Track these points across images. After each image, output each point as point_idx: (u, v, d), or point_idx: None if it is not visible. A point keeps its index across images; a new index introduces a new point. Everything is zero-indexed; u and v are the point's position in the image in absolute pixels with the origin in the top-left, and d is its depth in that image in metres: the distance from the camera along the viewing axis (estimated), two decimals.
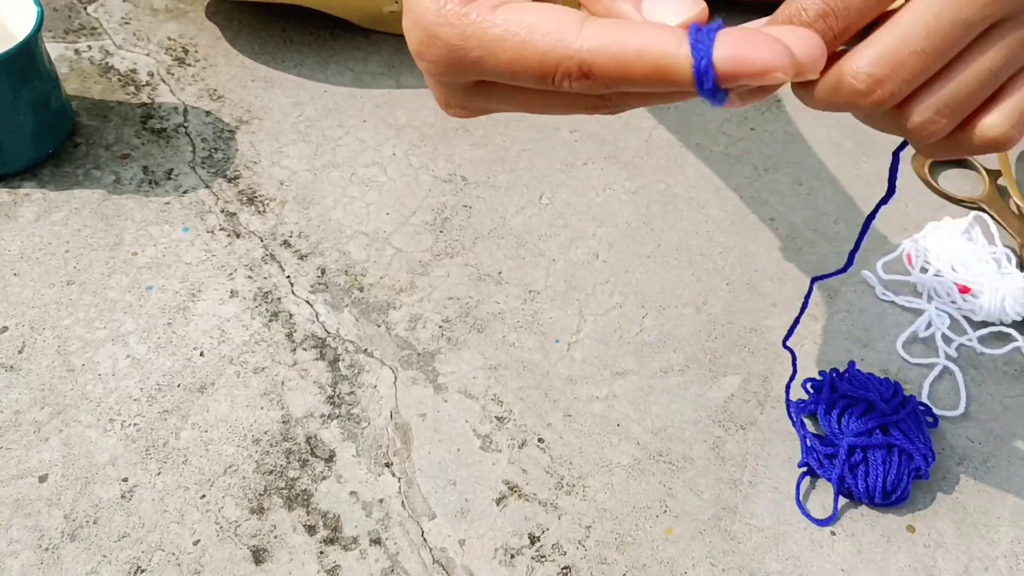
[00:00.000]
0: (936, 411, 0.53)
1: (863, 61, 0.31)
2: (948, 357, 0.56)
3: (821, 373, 0.53)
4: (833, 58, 0.32)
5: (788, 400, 0.52)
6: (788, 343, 0.49)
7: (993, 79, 0.32)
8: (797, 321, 0.47)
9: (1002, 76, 0.32)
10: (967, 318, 0.58)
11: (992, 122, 0.33)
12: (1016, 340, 0.57)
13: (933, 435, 0.52)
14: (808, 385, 0.53)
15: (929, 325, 0.57)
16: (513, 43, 0.30)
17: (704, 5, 0.31)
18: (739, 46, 0.28)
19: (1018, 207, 0.65)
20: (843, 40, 0.32)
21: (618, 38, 0.29)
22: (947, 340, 0.57)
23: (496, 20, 0.31)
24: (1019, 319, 0.57)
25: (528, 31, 0.30)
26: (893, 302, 0.59)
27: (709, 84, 0.27)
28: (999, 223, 0.64)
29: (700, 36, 0.27)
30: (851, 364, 0.52)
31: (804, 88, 0.33)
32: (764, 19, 0.32)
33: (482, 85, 0.34)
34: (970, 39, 0.32)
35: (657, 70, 0.29)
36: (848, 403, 0.50)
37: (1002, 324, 0.58)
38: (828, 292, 0.59)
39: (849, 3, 0.31)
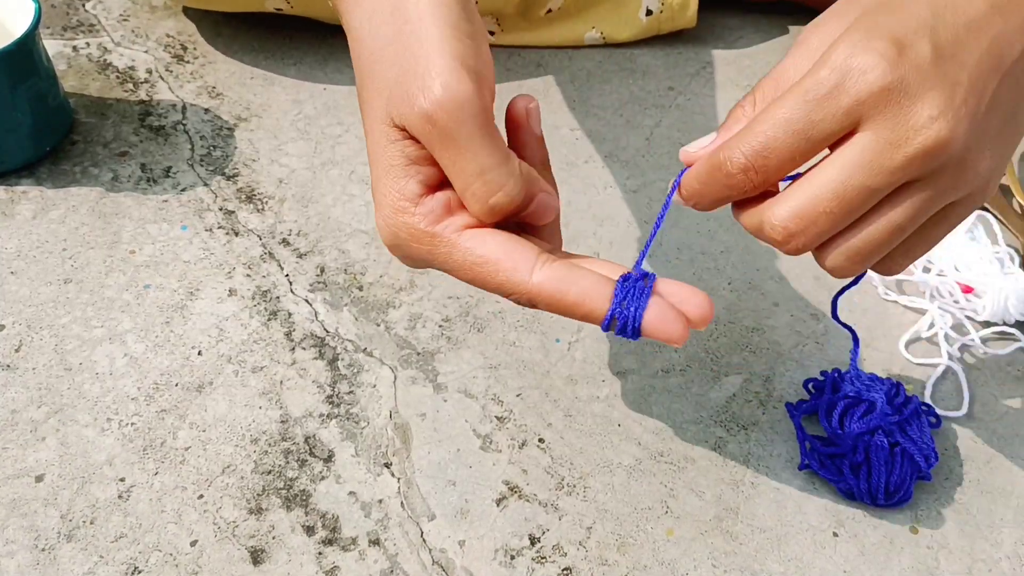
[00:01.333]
0: (939, 412, 0.53)
1: (779, 215, 0.36)
2: (951, 357, 0.56)
3: (823, 373, 0.52)
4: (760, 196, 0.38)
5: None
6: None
7: (900, 232, 0.37)
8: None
9: (908, 229, 0.37)
10: (970, 318, 0.58)
11: (900, 266, 0.39)
12: (1019, 340, 0.57)
13: (936, 435, 0.52)
14: (810, 385, 0.53)
15: (932, 325, 0.57)
16: (474, 272, 0.37)
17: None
18: (654, 324, 0.37)
19: (1021, 206, 0.64)
20: (761, 190, 0.38)
21: (560, 288, 0.37)
22: (950, 340, 0.56)
23: (460, 246, 0.37)
24: (1022, 319, 0.57)
25: (488, 266, 0.37)
26: (896, 302, 0.59)
27: (623, 334, 0.38)
28: (1002, 222, 0.63)
29: (622, 299, 0.37)
30: (853, 363, 0.52)
31: (737, 215, 0.40)
32: (710, 137, 0.39)
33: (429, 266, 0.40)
34: (877, 201, 0.36)
35: (583, 317, 0.37)
36: (850, 403, 0.50)
37: (1005, 324, 0.57)
38: (830, 292, 0.59)
39: (767, 162, 0.36)
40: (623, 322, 0.37)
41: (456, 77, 0.35)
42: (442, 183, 0.38)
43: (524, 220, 0.40)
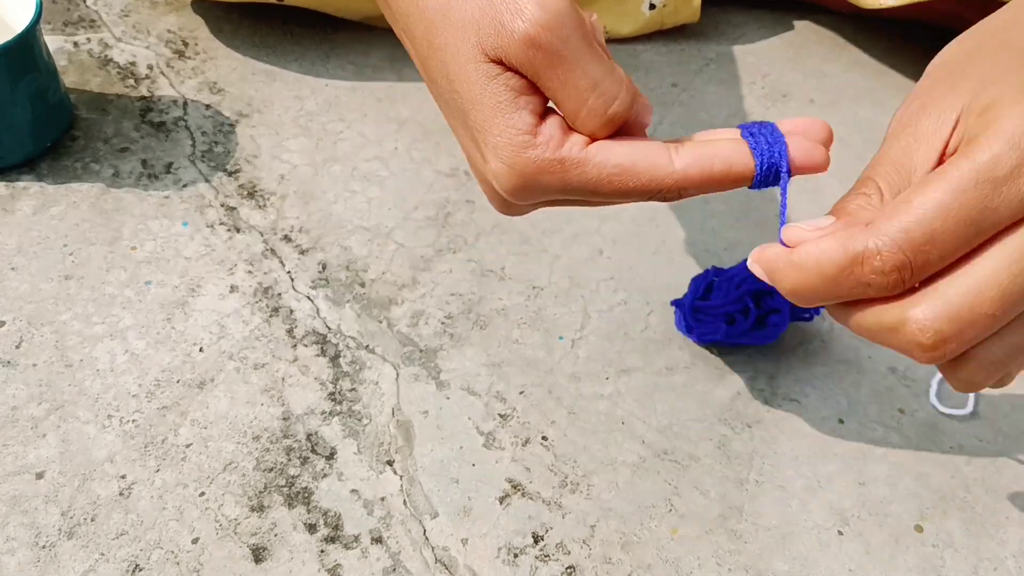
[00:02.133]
0: (945, 410, 0.53)
1: (931, 314, 0.31)
2: None
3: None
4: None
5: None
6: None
7: None
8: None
9: None
10: None
11: (1014, 375, 0.34)
12: None
13: (941, 432, 0.52)
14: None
15: None
16: (614, 183, 0.35)
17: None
18: (801, 159, 0.36)
19: None
20: (905, 291, 0.32)
21: (705, 163, 0.35)
22: None
23: (592, 162, 0.35)
24: None
25: (628, 171, 0.35)
26: None
27: (762, 185, 0.37)
28: None
29: (761, 145, 0.37)
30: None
31: (845, 311, 0.34)
32: (827, 220, 0.35)
33: (560, 201, 0.39)
34: None
35: (735, 181, 0.36)
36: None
37: None
38: None
39: (928, 258, 0.30)
40: (775, 168, 0.37)
41: None
42: (545, 111, 0.36)
43: (623, 131, 0.37)
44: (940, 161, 0.33)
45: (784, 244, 0.35)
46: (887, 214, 0.31)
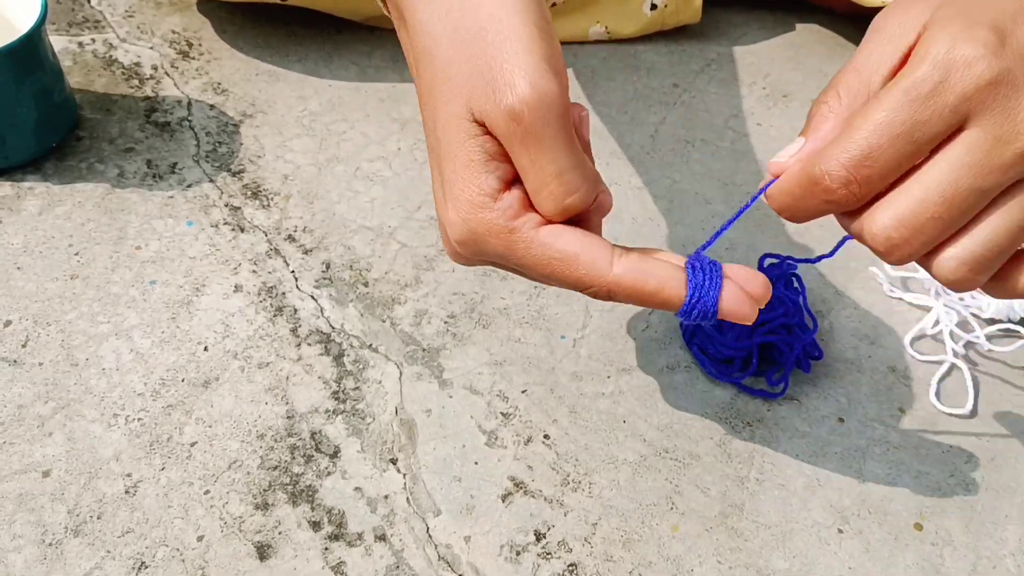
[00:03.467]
0: (944, 409, 0.53)
1: (880, 223, 0.34)
2: (956, 355, 0.56)
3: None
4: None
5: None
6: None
7: (1021, 232, 0.34)
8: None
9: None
10: (975, 315, 0.58)
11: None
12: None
13: (940, 431, 0.52)
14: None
15: (936, 322, 0.57)
16: (552, 267, 0.37)
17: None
18: (729, 306, 0.38)
19: None
20: (864, 202, 0.35)
21: (639, 279, 0.37)
22: (955, 337, 0.56)
23: (538, 242, 0.37)
24: None
25: (568, 260, 0.37)
26: (901, 299, 0.59)
27: (687, 316, 0.38)
28: None
29: (698, 279, 0.38)
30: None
31: (840, 220, 0.37)
32: (798, 144, 0.37)
33: (500, 265, 0.40)
34: (987, 202, 0.34)
35: (662, 304, 0.38)
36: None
37: (1010, 322, 0.57)
38: (835, 289, 0.59)
39: (871, 172, 0.34)
40: (701, 307, 0.38)
41: (544, 77, 0.35)
42: (514, 181, 0.37)
43: (580, 217, 0.39)
44: (902, 62, 0.35)
45: (771, 173, 0.38)
46: (836, 138, 0.34)
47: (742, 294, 0.38)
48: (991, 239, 0.34)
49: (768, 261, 0.56)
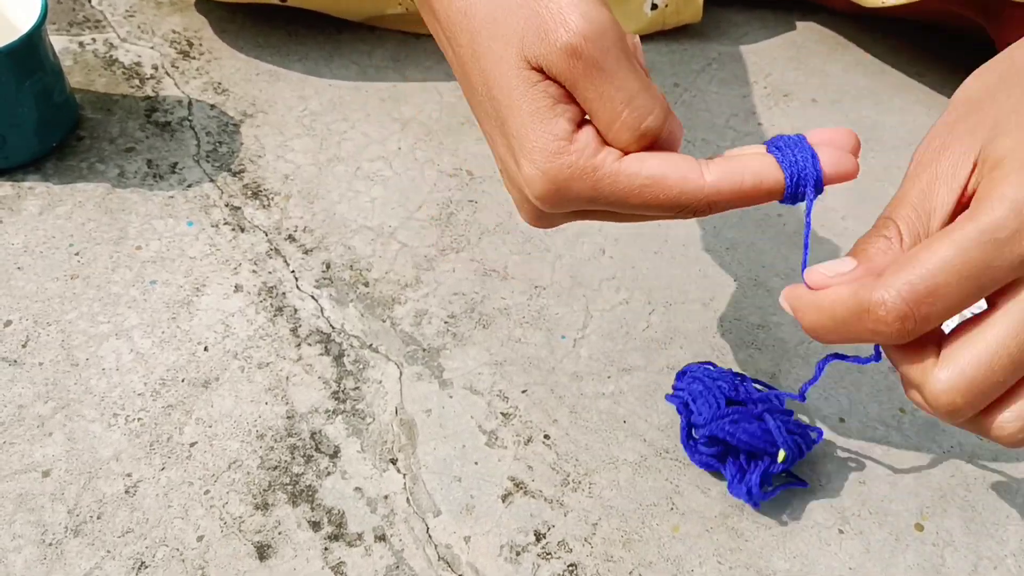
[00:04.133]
0: None
1: (943, 384, 0.33)
2: None
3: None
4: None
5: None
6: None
7: None
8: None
9: None
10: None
11: None
12: None
13: (942, 432, 0.52)
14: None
15: None
16: (645, 194, 0.36)
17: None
18: (832, 170, 0.36)
19: None
20: (911, 339, 0.34)
21: (736, 178, 0.36)
22: None
23: (625, 172, 0.36)
24: None
25: (659, 183, 0.36)
26: None
27: (794, 199, 0.37)
28: None
29: (788, 158, 0.37)
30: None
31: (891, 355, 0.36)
32: (847, 264, 0.36)
33: (589, 213, 0.39)
34: None
35: (766, 195, 0.36)
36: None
37: None
38: None
39: (931, 311, 0.32)
40: (804, 179, 0.37)
41: (594, 7, 0.34)
42: (583, 120, 0.37)
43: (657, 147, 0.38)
44: (959, 202, 0.35)
45: (808, 285, 0.37)
46: (895, 267, 0.33)
47: (837, 153, 0.37)
48: None
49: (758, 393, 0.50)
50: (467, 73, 0.38)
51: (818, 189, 0.37)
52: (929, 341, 0.35)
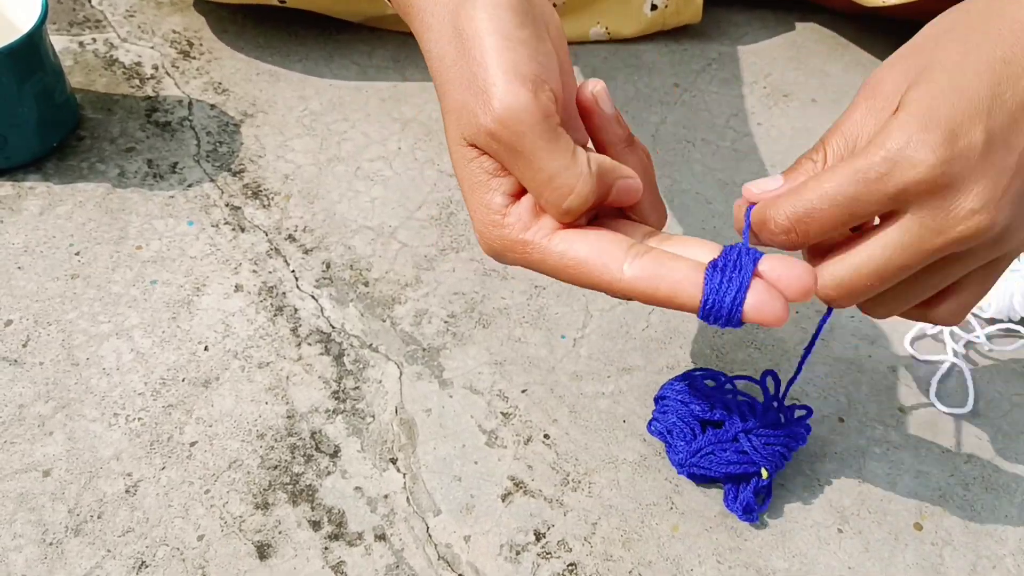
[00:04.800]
0: (944, 409, 0.53)
1: (825, 283, 0.39)
2: (956, 354, 0.56)
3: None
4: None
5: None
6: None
7: (935, 289, 0.40)
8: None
9: (941, 285, 0.40)
10: (976, 315, 0.58)
11: (940, 314, 0.42)
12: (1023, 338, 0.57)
13: (941, 432, 0.52)
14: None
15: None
16: (568, 274, 0.37)
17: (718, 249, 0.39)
18: (751, 310, 0.36)
19: None
20: (802, 247, 0.40)
21: (651, 284, 0.36)
22: (955, 337, 0.56)
23: (552, 251, 0.37)
24: None
25: (580, 267, 0.37)
26: None
27: (723, 324, 0.37)
28: None
29: (715, 282, 0.36)
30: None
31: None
32: (775, 181, 0.41)
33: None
34: (914, 272, 0.38)
35: (680, 308, 0.37)
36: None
37: (1011, 321, 0.57)
38: None
39: (808, 228, 0.38)
40: (717, 313, 0.36)
41: (510, 89, 0.35)
42: (520, 191, 0.38)
43: (611, 206, 0.40)
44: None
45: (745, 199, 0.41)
46: (788, 192, 0.39)
47: (768, 296, 0.36)
48: (910, 295, 0.40)
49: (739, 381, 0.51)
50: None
51: (734, 324, 0.36)
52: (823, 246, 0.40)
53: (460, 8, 0.37)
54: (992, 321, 0.58)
